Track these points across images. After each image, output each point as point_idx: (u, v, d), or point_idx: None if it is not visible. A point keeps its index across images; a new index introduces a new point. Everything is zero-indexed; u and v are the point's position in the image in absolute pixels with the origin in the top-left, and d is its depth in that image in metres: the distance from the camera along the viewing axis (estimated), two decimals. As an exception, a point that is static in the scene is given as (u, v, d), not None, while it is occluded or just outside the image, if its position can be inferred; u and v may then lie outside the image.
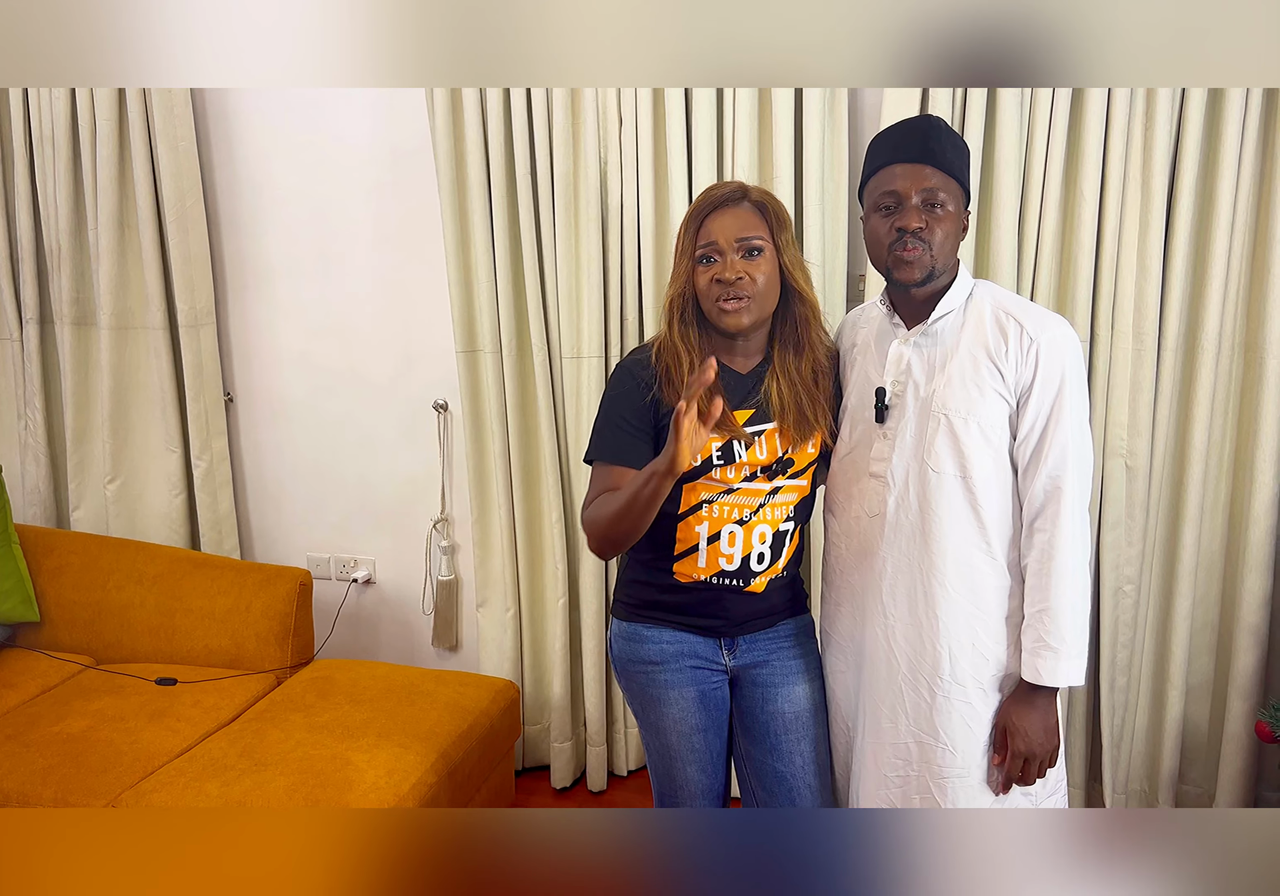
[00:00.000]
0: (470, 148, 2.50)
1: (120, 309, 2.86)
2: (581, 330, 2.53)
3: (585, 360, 2.55)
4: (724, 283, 1.56)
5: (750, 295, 1.57)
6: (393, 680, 2.46)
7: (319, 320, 2.89)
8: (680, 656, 1.70)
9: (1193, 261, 2.24)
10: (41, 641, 2.71)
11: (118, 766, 2.13)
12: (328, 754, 2.12)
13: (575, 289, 2.52)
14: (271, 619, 2.59)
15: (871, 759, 1.69)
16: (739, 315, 1.58)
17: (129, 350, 2.90)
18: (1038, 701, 1.56)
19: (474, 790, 2.33)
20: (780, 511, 1.65)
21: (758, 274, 1.58)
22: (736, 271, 1.56)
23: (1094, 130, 2.18)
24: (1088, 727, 2.48)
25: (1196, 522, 2.32)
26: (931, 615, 1.60)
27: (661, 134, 2.41)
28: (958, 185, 1.56)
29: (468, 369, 2.65)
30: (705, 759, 1.73)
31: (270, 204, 2.85)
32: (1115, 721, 2.42)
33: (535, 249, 2.54)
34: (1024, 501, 1.56)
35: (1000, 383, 1.54)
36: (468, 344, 2.64)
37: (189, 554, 2.75)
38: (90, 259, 2.87)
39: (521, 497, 2.68)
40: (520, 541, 2.71)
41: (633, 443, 1.62)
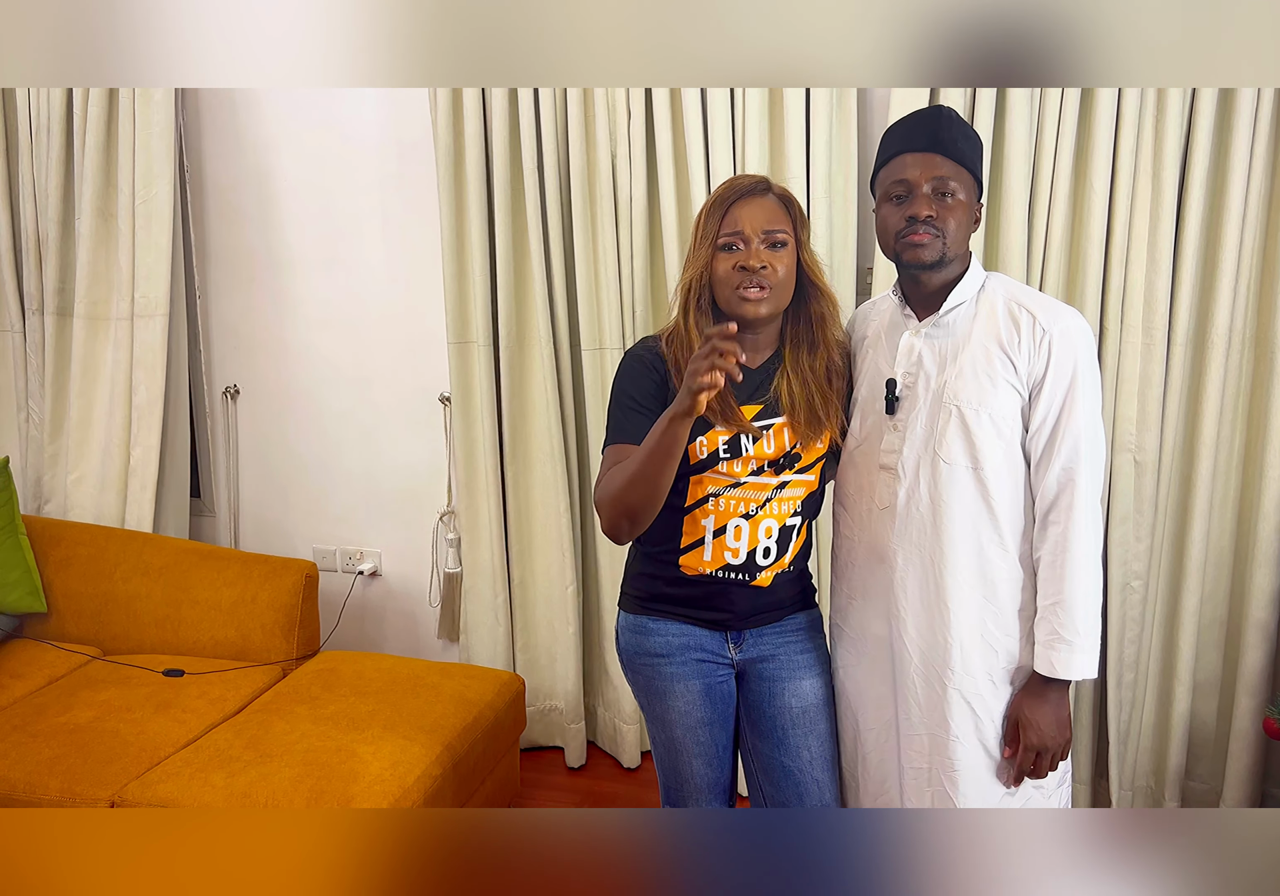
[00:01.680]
0: (470, 141, 2.50)
1: (93, 299, 2.84)
2: (602, 322, 2.56)
3: (608, 351, 2.58)
4: (747, 270, 1.55)
5: (772, 285, 1.57)
6: (398, 672, 2.46)
7: (324, 312, 2.89)
8: (686, 649, 1.70)
9: (1203, 256, 2.23)
10: (48, 632, 2.72)
11: (124, 757, 2.13)
12: (333, 745, 2.12)
13: (594, 281, 2.54)
14: (277, 611, 2.59)
15: (887, 751, 1.69)
16: (758, 304, 1.57)
17: (96, 341, 2.87)
18: (1050, 694, 1.56)
19: (479, 783, 2.33)
20: (787, 506, 1.64)
21: (780, 265, 1.57)
22: (761, 260, 1.55)
23: (1104, 123, 2.17)
24: (1094, 723, 2.47)
25: (1205, 518, 2.31)
26: (943, 607, 1.59)
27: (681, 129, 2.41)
28: (969, 175, 1.55)
29: (459, 360, 2.67)
30: (711, 752, 1.73)
31: (276, 196, 2.85)
32: (1122, 717, 2.41)
33: (542, 242, 2.54)
34: (1036, 493, 1.55)
35: (1012, 374, 1.53)
36: (460, 335, 2.65)
37: (195, 545, 2.75)
38: (74, 249, 2.85)
39: (514, 488, 2.71)
40: (511, 532, 2.74)
41: (645, 422, 1.60)
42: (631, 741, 2.80)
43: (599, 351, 2.59)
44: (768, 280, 1.56)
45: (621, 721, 2.80)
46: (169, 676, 2.45)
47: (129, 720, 2.26)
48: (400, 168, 2.73)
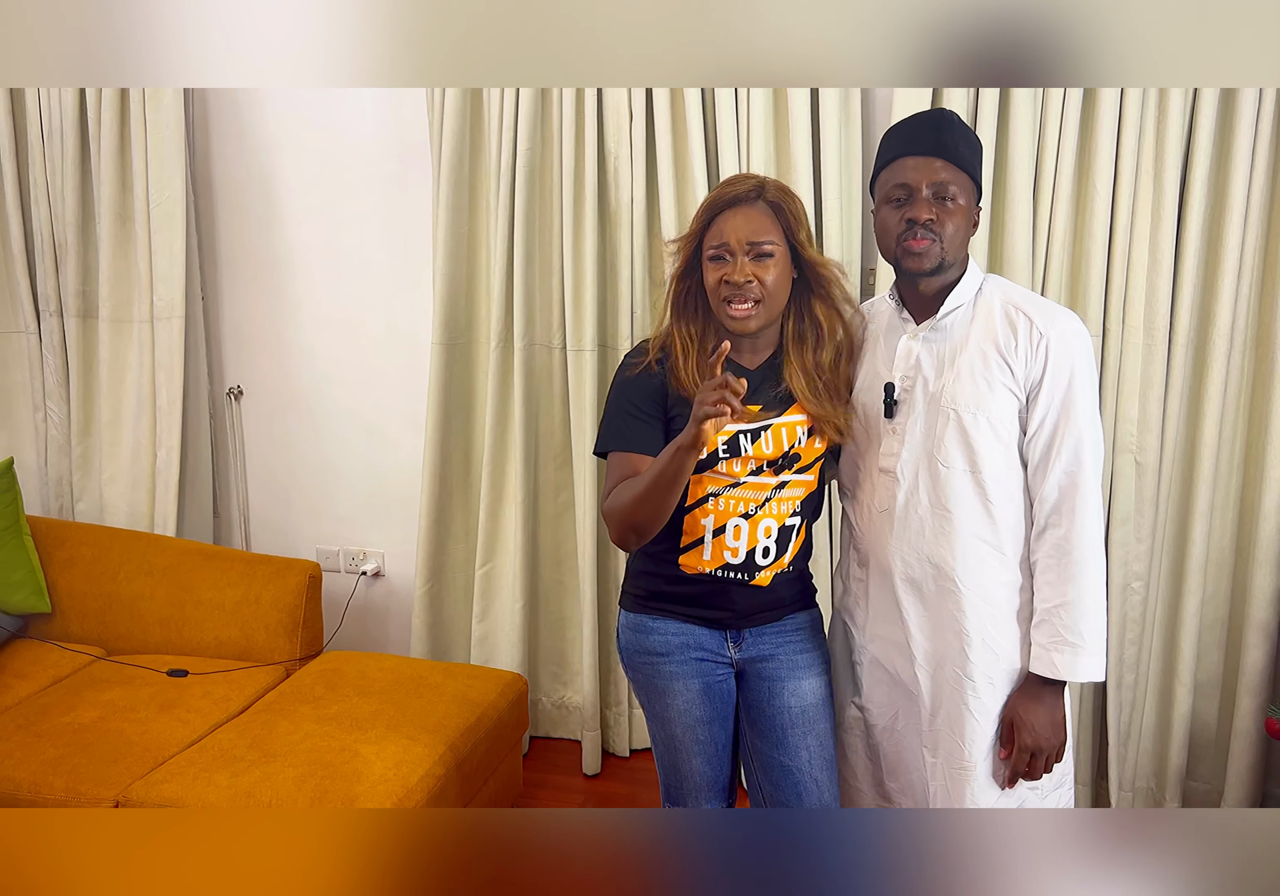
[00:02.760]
0: (467, 141, 2.51)
1: (116, 301, 2.86)
2: (603, 323, 2.58)
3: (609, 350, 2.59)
4: (732, 284, 1.56)
5: (759, 298, 1.57)
6: (401, 672, 2.46)
7: (327, 313, 2.89)
8: (685, 648, 1.70)
9: (1205, 256, 2.23)
10: (53, 632, 2.73)
11: (128, 756, 2.14)
12: (336, 745, 2.13)
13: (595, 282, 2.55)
14: (281, 611, 2.60)
15: (894, 749, 1.71)
16: (746, 321, 1.58)
17: (122, 343, 2.90)
18: (1045, 696, 1.56)
19: (482, 782, 2.34)
20: (786, 506, 1.65)
21: (766, 276, 1.57)
22: (745, 274, 1.55)
23: (1107, 125, 2.17)
24: (1095, 724, 2.48)
25: (1206, 519, 2.31)
26: (941, 609, 1.60)
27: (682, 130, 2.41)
28: (969, 179, 1.56)
29: (440, 360, 2.69)
30: (710, 751, 1.74)
31: (279, 197, 2.85)
32: (1123, 718, 2.41)
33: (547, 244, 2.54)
34: (1035, 497, 1.56)
35: (1010, 378, 1.53)
36: (445, 336, 2.67)
37: (199, 546, 2.76)
38: (95, 251, 2.88)
39: (488, 488, 2.73)
40: (481, 531, 2.76)
41: (646, 429, 1.62)
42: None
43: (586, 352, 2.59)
44: (753, 294, 1.56)
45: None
46: (173, 676, 2.46)
47: (133, 720, 2.27)
48: (402, 168, 2.74)
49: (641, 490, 1.53)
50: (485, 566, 2.77)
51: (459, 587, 2.86)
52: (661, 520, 1.56)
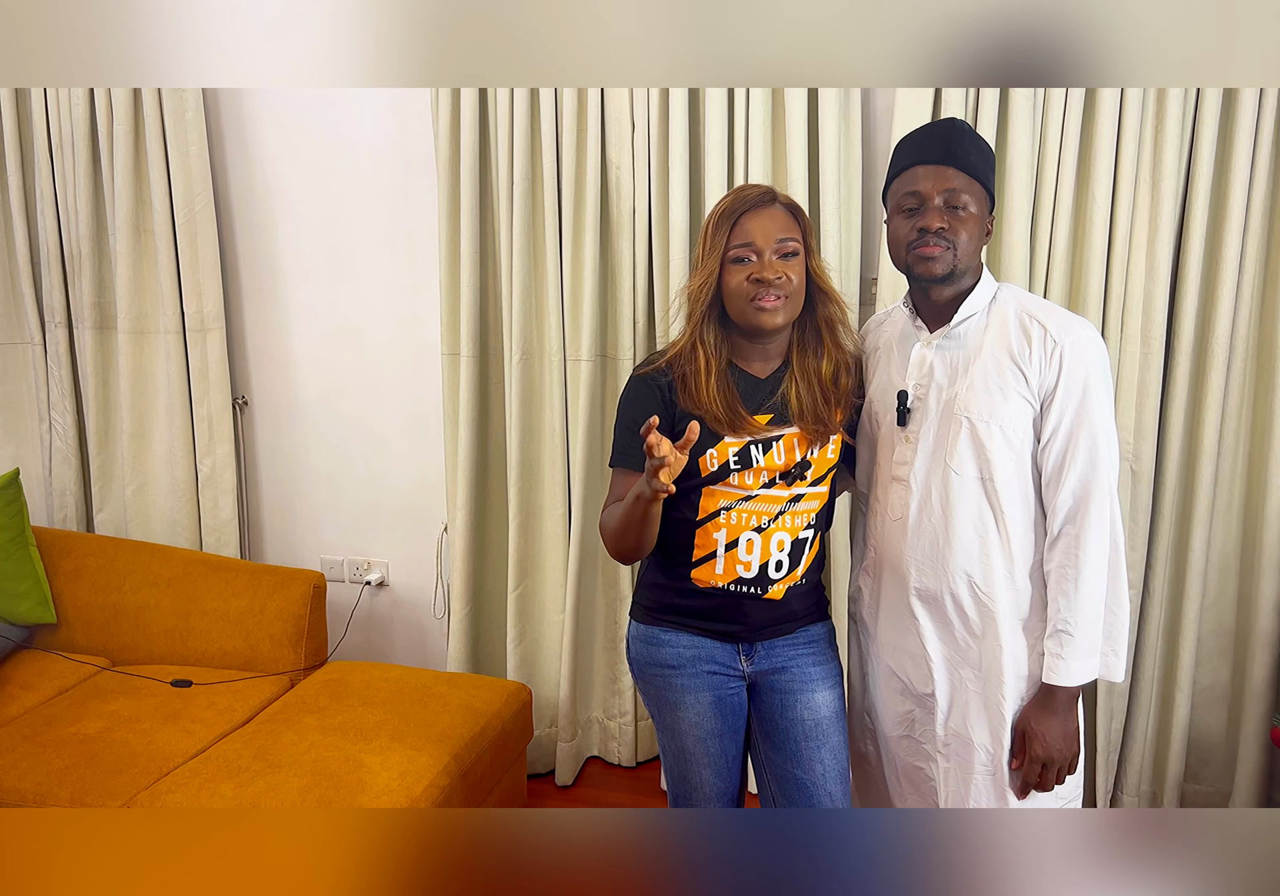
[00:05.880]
0: (465, 150, 2.52)
1: (137, 313, 2.87)
2: (606, 333, 2.58)
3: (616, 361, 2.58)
4: (763, 282, 1.56)
5: (787, 294, 1.58)
6: (405, 682, 2.46)
7: (332, 323, 2.90)
8: (697, 661, 1.70)
9: (1205, 264, 2.24)
10: (58, 643, 2.72)
11: (133, 767, 2.13)
12: (341, 755, 2.13)
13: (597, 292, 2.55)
14: (285, 621, 2.60)
15: (906, 759, 1.71)
16: (774, 313, 1.58)
17: (144, 354, 2.91)
18: (1058, 706, 1.56)
19: (486, 793, 2.33)
20: (800, 519, 1.64)
21: (793, 274, 1.58)
22: (776, 271, 1.56)
23: (1106, 133, 2.18)
24: (1086, 730, 2.47)
25: (1206, 526, 2.31)
26: (955, 619, 1.60)
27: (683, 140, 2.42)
28: (981, 187, 1.56)
29: (449, 372, 2.69)
30: (720, 763, 1.73)
31: (284, 207, 2.86)
32: (1115, 725, 2.42)
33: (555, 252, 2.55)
34: (1049, 506, 1.55)
35: (1024, 386, 1.53)
36: (451, 347, 2.67)
37: (204, 556, 2.76)
38: (110, 263, 2.89)
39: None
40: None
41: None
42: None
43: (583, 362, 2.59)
44: (783, 290, 1.57)
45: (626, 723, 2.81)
46: (177, 687, 2.46)
47: (138, 730, 2.27)
48: (406, 179, 2.75)
49: (617, 526, 1.59)
50: (520, 587, 2.75)
51: (496, 607, 2.85)
52: (645, 548, 1.61)
